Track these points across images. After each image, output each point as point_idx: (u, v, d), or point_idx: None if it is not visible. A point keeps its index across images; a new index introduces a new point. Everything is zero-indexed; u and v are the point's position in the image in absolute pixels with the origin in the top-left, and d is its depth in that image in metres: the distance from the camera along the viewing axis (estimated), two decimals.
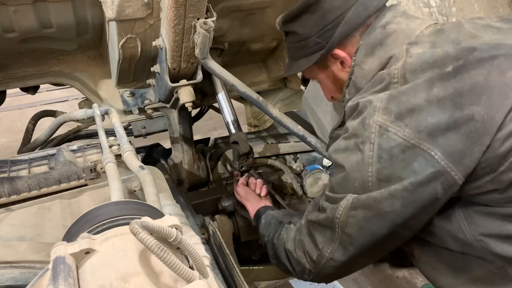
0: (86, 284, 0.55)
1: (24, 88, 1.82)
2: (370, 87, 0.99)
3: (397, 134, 0.87)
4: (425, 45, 0.95)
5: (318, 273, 1.13)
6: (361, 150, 0.93)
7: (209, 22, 1.32)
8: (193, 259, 0.59)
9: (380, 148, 0.89)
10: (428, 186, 0.86)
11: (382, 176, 0.90)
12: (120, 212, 0.70)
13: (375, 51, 1.03)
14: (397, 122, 0.88)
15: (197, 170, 2.05)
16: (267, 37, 1.97)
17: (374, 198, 0.92)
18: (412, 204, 0.89)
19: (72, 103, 6.62)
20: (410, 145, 0.86)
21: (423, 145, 0.85)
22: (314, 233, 1.10)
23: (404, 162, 0.87)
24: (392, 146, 0.88)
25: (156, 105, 1.88)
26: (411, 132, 0.86)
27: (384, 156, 0.89)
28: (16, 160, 1.23)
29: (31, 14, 1.37)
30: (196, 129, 2.10)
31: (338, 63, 1.14)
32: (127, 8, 1.31)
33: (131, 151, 1.08)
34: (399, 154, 0.87)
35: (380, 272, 2.99)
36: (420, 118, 0.86)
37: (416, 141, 0.85)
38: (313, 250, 1.11)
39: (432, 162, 0.85)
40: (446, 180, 0.85)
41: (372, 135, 0.90)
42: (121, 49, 1.45)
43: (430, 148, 0.85)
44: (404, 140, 0.86)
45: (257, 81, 2.29)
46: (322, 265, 1.10)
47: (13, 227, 0.96)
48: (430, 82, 0.87)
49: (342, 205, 0.98)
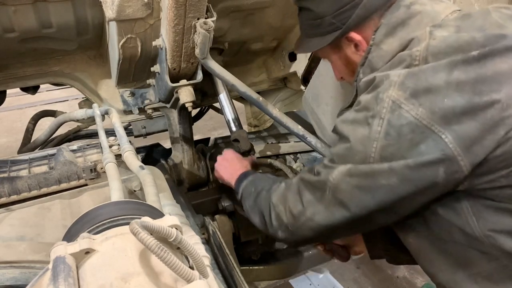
0: (86, 284, 0.55)
1: (24, 88, 1.82)
2: (387, 68, 0.96)
3: (410, 112, 0.84)
4: (450, 29, 0.92)
5: (292, 232, 1.12)
6: (369, 124, 0.90)
7: (209, 22, 1.32)
8: (193, 259, 0.59)
9: (390, 124, 0.87)
10: (430, 168, 0.84)
11: (385, 153, 0.88)
12: (120, 212, 0.70)
13: (397, 31, 0.99)
14: (412, 99, 0.85)
15: (197, 170, 2.05)
16: (267, 37, 1.97)
17: (372, 168, 0.90)
18: (409, 182, 0.87)
19: (72, 103, 6.62)
20: (421, 126, 0.83)
21: (434, 127, 0.83)
22: (303, 191, 1.08)
23: (412, 142, 0.85)
24: (402, 124, 0.85)
25: (156, 105, 1.88)
26: (424, 112, 0.83)
27: (392, 133, 0.86)
28: (16, 160, 1.23)
29: (31, 14, 1.37)
30: (196, 129, 2.10)
31: (352, 45, 1.09)
32: (127, 8, 1.31)
33: (131, 151, 1.09)
34: (408, 133, 0.85)
35: (380, 272, 2.99)
36: (436, 99, 0.83)
37: (428, 122, 0.83)
38: (297, 206, 1.08)
39: (442, 145, 0.82)
40: (451, 166, 0.83)
41: (384, 110, 0.88)
42: (121, 49, 1.45)
43: (442, 131, 0.82)
44: (416, 119, 0.84)
45: (257, 81, 2.29)
46: (300, 223, 1.07)
47: (13, 227, 0.96)
48: (452, 64, 0.85)
49: (337, 170, 0.97)
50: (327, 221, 1.02)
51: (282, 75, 2.21)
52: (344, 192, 0.96)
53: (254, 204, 1.28)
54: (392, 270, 2.99)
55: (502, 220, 0.87)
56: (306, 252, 2.26)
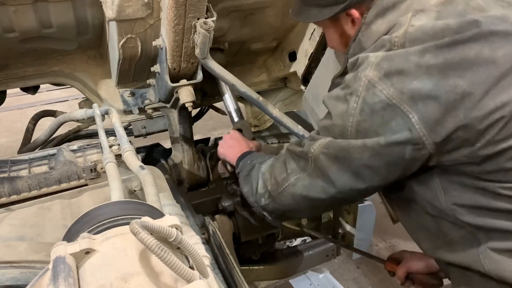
0: (86, 284, 0.55)
1: (24, 88, 1.82)
2: (372, 50, 1.00)
3: (382, 92, 0.91)
4: (431, 15, 0.95)
5: (274, 198, 1.18)
6: (347, 100, 0.97)
7: (209, 22, 1.32)
8: (193, 259, 0.59)
9: (364, 101, 0.93)
10: (398, 146, 0.91)
11: (360, 128, 0.95)
12: (120, 212, 0.70)
13: (387, 13, 1.02)
14: (385, 80, 0.91)
15: (197, 170, 2.05)
16: (267, 37, 1.97)
17: (347, 143, 0.97)
18: (379, 157, 0.94)
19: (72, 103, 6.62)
20: (392, 104, 0.90)
21: (403, 107, 0.89)
22: (288, 161, 1.15)
23: (383, 119, 0.91)
24: (375, 101, 0.91)
25: (156, 105, 1.88)
26: (395, 92, 0.89)
27: (366, 110, 0.93)
28: (16, 160, 1.23)
29: (31, 14, 1.37)
30: (196, 129, 2.10)
31: (350, 20, 1.12)
32: (127, 8, 1.31)
33: (131, 151, 1.08)
34: (380, 111, 0.91)
35: (380, 272, 2.99)
36: (406, 80, 0.89)
37: (397, 101, 0.89)
38: (282, 173, 1.15)
39: (409, 124, 0.88)
40: (417, 144, 0.90)
41: (360, 88, 0.94)
42: (121, 49, 1.45)
43: (409, 110, 0.88)
44: (387, 98, 0.90)
45: (257, 81, 2.28)
46: (282, 189, 1.14)
47: (13, 227, 0.96)
48: (424, 49, 0.89)
49: (318, 143, 1.05)
50: (308, 190, 1.09)
51: (282, 75, 2.21)
52: (323, 163, 1.03)
53: (247, 175, 1.34)
54: None
55: (464, 195, 0.95)
56: (306, 252, 2.26)
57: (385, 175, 0.99)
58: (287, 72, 2.12)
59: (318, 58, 1.74)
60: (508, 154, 0.87)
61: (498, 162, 0.88)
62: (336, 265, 2.97)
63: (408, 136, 0.89)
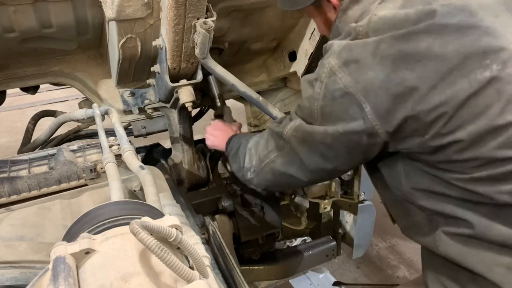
0: (86, 284, 0.55)
1: (24, 88, 1.82)
2: (342, 37, 1.03)
3: (341, 80, 0.94)
4: (396, 3, 0.97)
5: (257, 173, 1.27)
6: (313, 86, 1.02)
7: (209, 22, 1.32)
8: (193, 259, 0.59)
9: (326, 88, 0.98)
10: (355, 134, 0.96)
11: (324, 112, 1.00)
12: (120, 212, 0.70)
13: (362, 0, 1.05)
14: (344, 68, 0.94)
15: (197, 170, 2.05)
16: (267, 37, 1.97)
17: (312, 128, 1.04)
18: (339, 143, 1.00)
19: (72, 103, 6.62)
20: (348, 92, 0.93)
21: (357, 96, 0.92)
22: (269, 139, 1.23)
23: (342, 105, 0.95)
24: (335, 88, 0.96)
25: (156, 105, 1.88)
26: (351, 81, 0.93)
27: (328, 95, 0.98)
28: (16, 160, 1.23)
29: (31, 14, 1.37)
30: (196, 129, 2.10)
31: (332, 7, 1.16)
32: (127, 8, 1.31)
33: (131, 151, 1.08)
34: (338, 98, 0.96)
35: (380, 272, 2.99)
36: (362, 70, 0.92)
37: (353, 90, 0.93)
38: (264, 150, 1.24)
39: (363, 113, 0.93)
40: (372, 133, 0.94)
41: (324, 75, 0.98)
42: (121, 49, 1.45)
43: (363, 100, 0.92)
44: (345, 86, 0.94)
45: (257, 81, 2.28)
46: (263, 165, 1.23)
47: (13, 227, 0.96)
48: (381, 40, 0.91)
49: (290, 125, 1.12)
50: (286, 167, 1.17)
51: (282, 75, 2.21)
52: (294, 145, 1.11)
53: (235, 153, 1.41)
54: (392, 270, 2.99)
55: (422, 180, 1.00)
56: (306, 252, 2.27)
57: (348, 158, 1.05)
58: (287, 72, 2.12)
59: (318, 58, 1.73)
60: (455, 147, 0.89)
61: (447, 153, 0.91)
62: (336, 265, 2.97)
63: (362, 125, 0.94)
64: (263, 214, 1.96)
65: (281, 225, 2.06)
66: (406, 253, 3.13)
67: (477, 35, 0.87)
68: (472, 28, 0.87)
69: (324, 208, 2.17)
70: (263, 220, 1.96)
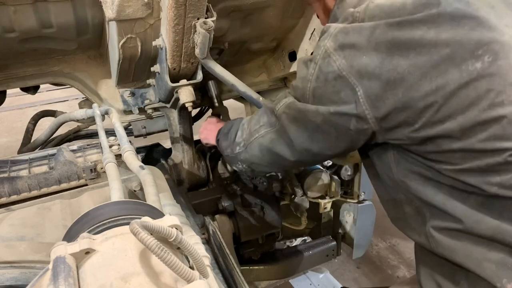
0: (86, 284, 0.55)
1: (24, 88, 1.82)
2: (339, 22, 1.03)
3: (336, 62, 0.95)
4: None
5: (246, 148, 1.28)
6: (307, 66, 1.02)
7: (209, 22, 1.32)
8: (193, 259, 0.59)
9: (320, 69, 0.98)
10: (345, 116, 0.96)
11: (316, 94, 1.01)
12: (120, 212, 0.70)
13: None
14: (339, 51, 0.95)
15: (197, 170, 2.06)
16: (267, 37, 1.97)
17: (304, 106, 1.05)
18: (329, 124, 1.01)
19: (72, 103, 6.62)
20: (342, 76, 0.94)
21: (351, 79, 0.93)
22: (262, 115, 1.24)
23: (335, 88, 0.96)
24: (329, 71, 0.96)
25: (156, 105, 1.88)
26: (346, 64, 0.93)
27: (321, 77, 0.98)
28: (16, 160, 1.23)
29: (31, 14, 1.37)
30: (196, 129, 2.10)
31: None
32: (127, 8, 1.31)
33: (131, 151, 1.08)
34: (331, 80, 0.96)
35: (380, 272, 2.99)
36: (356, 54, 0.92)
37: (347, 73, 0.93)
38: (255, 124, 1.25)
39: (355, 97, 0.93)
40: (360, 117, 0.95)
41: (318, 56, 0.99)
42: (121, 49, 1.45)
43: (356, 84, 0.92)
44: (339, 69, 0.94)
45: (257, 81, 2.28)
46: (253, 139, 1.25)
47: (13, 227, 0.96)
48: (376, 25, 0.91)
49: (282, 102, 1.13)
50: (273, 144, 1.18)
51: (282, 75, 2.21)
52: (284, 122, 1.12)
53: (227, 132, 1.42)
54: (392, 270, 2.99)
55: (413, 168, 0.99)
56: (306, 252, 2.27)
57: (334, 142, 1.05)
58: (287, 72, 2.12)
59: None
60: (444, 137, 0.89)
61: (437, 144, 0.91)
62: (336, 265, 2.97)
63: (353, 108, 0.94)
64: (263, 214, 1.96)
65: (281, 225, 2.06)
66: (406, 253, 3.13)
67: (471, 25, 0.86)
68: (467, 18, 0.87)
69: (324, 208, 2.17)
70: (263, 220, 1.96)
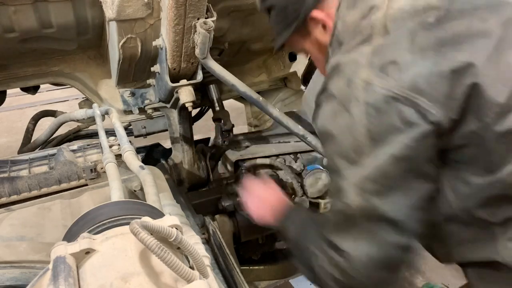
0: (86, 284, 0.55)
1: (24, 88, 1.82)
2: (351, 38, 0.96)
3: (381, 86, 0.85)
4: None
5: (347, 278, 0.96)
6: (348, 110, 0.88)
7: (209, 22, 1.32)
8: (193, 259, 0.59)
9: (367, 103, 0.86)
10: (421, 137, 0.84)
11: (373, 134, 0.86)
12: (120, 212, 0.70)
13: (357, 2, 1.00)
14: (381, 74, 0.86)
15: (197, 170, 2.06)
16: (267, 37, 1.97)
17: (376, 167, 0.86)
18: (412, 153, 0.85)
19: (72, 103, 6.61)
20: (394, 95, 0.84)
21: (406, 94, 0.83)
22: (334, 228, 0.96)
23: (389, 114, 0.84)
24: (377, 99, 0.85)
25: (156, 105, 1.88)
26: (394, 82, 0.84)
27: (371, 111, 0.85)
28: (16, 160, 1.23)
29: (31, 14, 1.37)
30: (196, 129, 2.10)
31: (320, 26, 1.08)
32: (127, 8, 1.31)
33: (131, 151, 1.09)
34: (384, 106, 0.84)
35: None
36: (402, 68, 0.85)
37: (399, 89, 0.84)
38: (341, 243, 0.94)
39: (418, 108, 0.83)
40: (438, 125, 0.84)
41: (358, 92, 0.87)
42: (121, 49, 1.45)
43: (415, 96, 0.83)
44: (388, 90, 0.84)
45: (257, 81, 2.29)
46: None
47: (13, 227, 0.96)
48: (412, 33, 0.87)
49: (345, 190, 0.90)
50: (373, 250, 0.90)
51: (282, 75, 2.21)
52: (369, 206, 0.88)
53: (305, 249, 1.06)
54: None
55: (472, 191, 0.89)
56: None
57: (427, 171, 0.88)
58: (287, 72, 2.13)
59: None
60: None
61: None
62: None
63: (423, 123, 0.83)
64: None
65: None
66: None
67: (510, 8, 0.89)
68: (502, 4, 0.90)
69: (324, 208, 2.17)
70: None
